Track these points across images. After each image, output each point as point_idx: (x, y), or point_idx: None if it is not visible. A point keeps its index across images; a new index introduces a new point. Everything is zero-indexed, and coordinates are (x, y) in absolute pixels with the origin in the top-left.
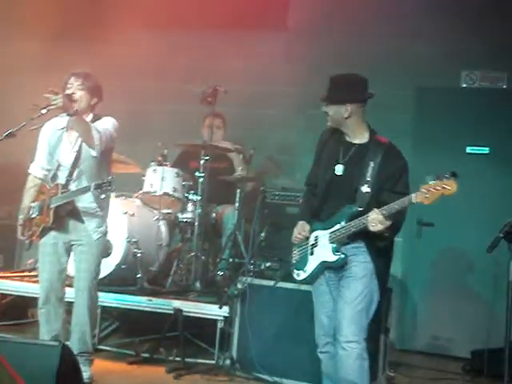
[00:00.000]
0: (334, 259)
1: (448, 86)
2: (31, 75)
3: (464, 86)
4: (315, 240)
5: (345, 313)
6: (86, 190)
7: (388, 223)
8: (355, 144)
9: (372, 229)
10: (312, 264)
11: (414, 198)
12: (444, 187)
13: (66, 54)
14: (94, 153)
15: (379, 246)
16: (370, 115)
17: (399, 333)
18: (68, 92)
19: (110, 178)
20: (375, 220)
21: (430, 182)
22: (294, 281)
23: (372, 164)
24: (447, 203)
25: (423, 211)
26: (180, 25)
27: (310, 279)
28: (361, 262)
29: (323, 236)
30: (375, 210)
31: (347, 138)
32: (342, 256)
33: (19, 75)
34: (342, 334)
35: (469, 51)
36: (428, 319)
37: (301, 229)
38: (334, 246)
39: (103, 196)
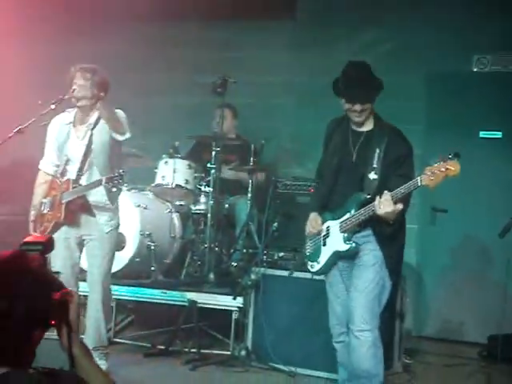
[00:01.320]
0: (346, 248)
1: (459, 70)
2: (38, 71)
3: (475, 70)
4: (327, 230)
5: (357, 301)
6: (97, 183)
7: (398, 207)
8: (363, 132)
9: (379, 211)
10: (325, 255)
11: (420, 181)
12: (448, 168)
13: (70, 49)
14: (120, 137)
15: (387, 233)
16: (381, 103)
17: (415, 319)
18: (82, 93)
19: (121, 171)
20: (384, 202)
21: (434, 165)
22: (308, 271)
23: (378, 150)
24: (460, 188)
25: (436, 197)
26: (189, 16)
27: (324, 270)
28: (371, 250)
29: (334, 226)
30: (385, 191)
31: (354, 127)
32: (354, 245)
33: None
34: (355, 322)
35: (480, 35)
36: (443, 305)
37: (314, 222)
38: (345, 235)
39: (115, 189)
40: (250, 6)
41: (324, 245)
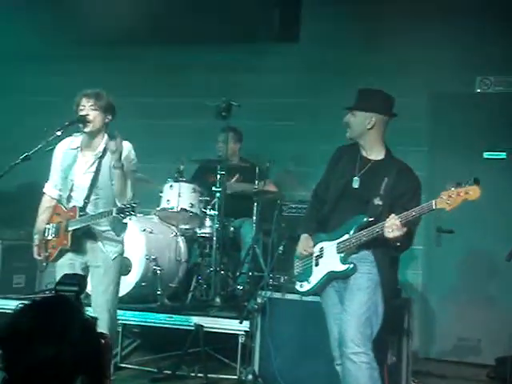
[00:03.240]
0: (343, 269)
1: (462, 91)
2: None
3: (478, 91)
4: (320, 251)
5: (348, 324)
6: (106, 214)
7: (404, 230)
8: (371, 160)
9: (387, 235)
10: (317, 275)
11: (434, 204)
12: (467, 193)
13: (76, 74)
14: (118, 203)
15: (389, 256)
16: None
17: (422, 341)
18: (82, 114)
19: (132, 202)
20: (393, 225)
21: (452, 189)
22: (296, 291)
23: (386, 179)
24: (465, 209)
25: (442, 219)
26: (193, 40)
27: (315, 290)
28: (365, 273)
29: (330, 247)
30: (393, 215)
31: (363, 153)
32: (352, 266)
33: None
34: (348, 345)
35: (483, 56)
36: (451, 327)
37: (305, 245)
38: (342, 255)
39: (124, 221)
40: (253, 29)
41: (316, 265)
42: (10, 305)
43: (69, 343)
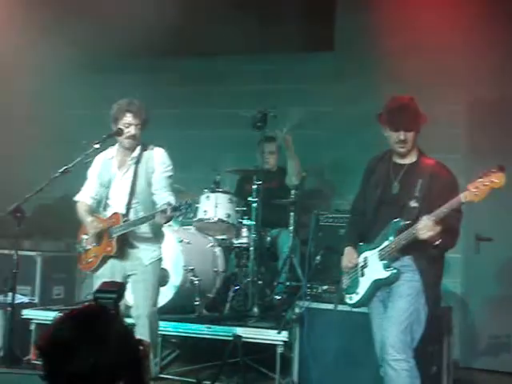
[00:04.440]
0: (387, 275)
1: (500, 97)
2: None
3: None
4: (364, 261)
5: (389, 331)
6: (151, 217)
7: (438, 228)
8: (405, 164)
9: (421, 237)
10: (364, 285)
11: (463, 197)
12: (492, 181)
13: (110, 86)
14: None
15: (430, 258)
16: (421, 131)
17: (463, 350)
18: (131, 133)
19: (188, 200)
20: (425, 227)
21: (478, 180)
22: (346, 304)
23: (420, 181)
24: (504, 217)
25: (480, 225)
26: (227, 50)
27: (364, 300)
28: (407, 281)
29: (372, 255)
30: (425, 216)
31: (396, 160)
32: (395, 271)
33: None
34: (388, 352)
35: None
36: (491, 335)
37: (350, 257)
38: (385, 262)
39: (181, 218)
40: (287, 38)
41: (362, 275)
42: (51, 316)
43: (107, 352)
